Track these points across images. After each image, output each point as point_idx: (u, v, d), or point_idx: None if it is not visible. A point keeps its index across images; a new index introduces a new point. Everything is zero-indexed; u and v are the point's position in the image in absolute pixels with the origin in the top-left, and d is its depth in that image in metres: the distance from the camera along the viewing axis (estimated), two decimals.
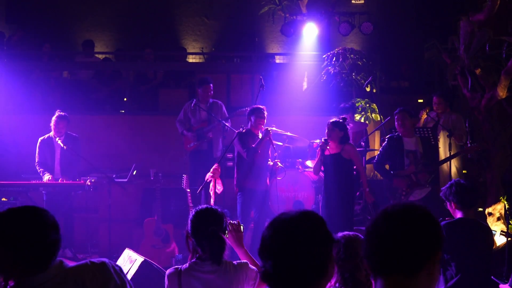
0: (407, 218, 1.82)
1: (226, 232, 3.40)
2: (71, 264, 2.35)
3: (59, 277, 2.27)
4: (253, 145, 6.99)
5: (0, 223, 2.24)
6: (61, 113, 7.63)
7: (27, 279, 2.22)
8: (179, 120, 8.47)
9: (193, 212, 3.35)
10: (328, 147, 6.87)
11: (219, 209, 3.40)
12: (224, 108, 8.46)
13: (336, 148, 6.93)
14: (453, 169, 8.40)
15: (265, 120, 7.18)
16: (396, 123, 6.96)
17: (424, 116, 8.57)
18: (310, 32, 10.00)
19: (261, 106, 7.23)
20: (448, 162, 7.81)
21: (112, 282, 2.36)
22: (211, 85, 8.34)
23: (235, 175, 7.19)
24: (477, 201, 5.44)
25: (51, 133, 7.64)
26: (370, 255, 1.85)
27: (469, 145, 7.92)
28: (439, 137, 8.29)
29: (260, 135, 7.09)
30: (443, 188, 4.61)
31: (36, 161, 7.64)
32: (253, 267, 3.37)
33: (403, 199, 6.75)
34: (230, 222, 3.48)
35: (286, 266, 1.88)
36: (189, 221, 3.33)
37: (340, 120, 6.97)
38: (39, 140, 7.67)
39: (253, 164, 7.09)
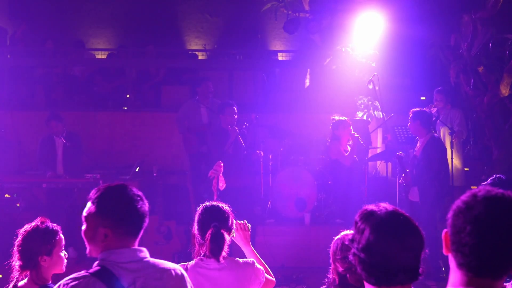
0: None
1: (233, 231, 3.40)
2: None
3: (142, 263, 2.29)
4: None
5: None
6: (52, 113, 7.65)
7: (112, 253, 2.25)
8: (178, 118, 8.48)
9: (201, 209, 3.35)
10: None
11: (225, 207, 3.39)
12: None
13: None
14: (454, 167, 8.39)
15: (235, 116, 7.37)
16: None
17: None
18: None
19: (230, 102, 7.51)
20: (450, 161, 7.80)
21: None
22: (210, 83, 8.37)
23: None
24: None
25: None
26: (470, 252, 1.65)
27: (471, 142, 7.93)
28: (440, 133, 8.29)
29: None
30: (484, 184, 4.67)
31: (38, 160, 7.66)
32: (260, 266, 3.37)
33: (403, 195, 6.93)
34: (237, 221, 3.48)
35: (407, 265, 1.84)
36: (196, 217, 3.34)
37: None
38: (40, 140, 7.69)
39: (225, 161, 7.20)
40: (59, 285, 2.18)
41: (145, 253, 2.34)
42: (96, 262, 2.26)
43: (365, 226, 1.88)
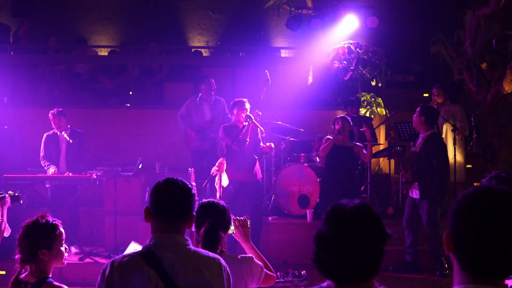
0: None
1: (232, 227, 3.39)
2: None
3: (183, 249, 2.55)
4: (240, 136, 6.93)
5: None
6: (55, 110, 7.63)
7: (157, 237, 2.55)
8: (181, 115, 8.48)
9: (197, 206, 3.36)
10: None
11: (222, 203, 3.39)
12: (226, 106, 8.44)
13: (348, 142, 7.26)
14: (457, 164, 8.39)
15: (247, 111, 7.11)
16: None
17: None
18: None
19: (243, 99, 7.22)
20: (453, 157, 7.80)
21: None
22: (213, 80, 8.37)
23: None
24: None
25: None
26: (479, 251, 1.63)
27: (474, 139, 7.92)
28: (442, 129, 8.28)
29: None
30: (483, 180, 4.65)
31: (41, 156, 7.67)
32: (259, 262, 3.37)
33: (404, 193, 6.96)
34: (236, 218, 3.48)
35: (350, 260, 1.73)
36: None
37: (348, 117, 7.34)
38: (45, 136, 7.70)
39: (243, 156, 7.05)
40: (111, 260, 2.51)
41: (188, 241, 2.59)
42: (144, 245, 2.56)
43: (325, 218, 1.82)
